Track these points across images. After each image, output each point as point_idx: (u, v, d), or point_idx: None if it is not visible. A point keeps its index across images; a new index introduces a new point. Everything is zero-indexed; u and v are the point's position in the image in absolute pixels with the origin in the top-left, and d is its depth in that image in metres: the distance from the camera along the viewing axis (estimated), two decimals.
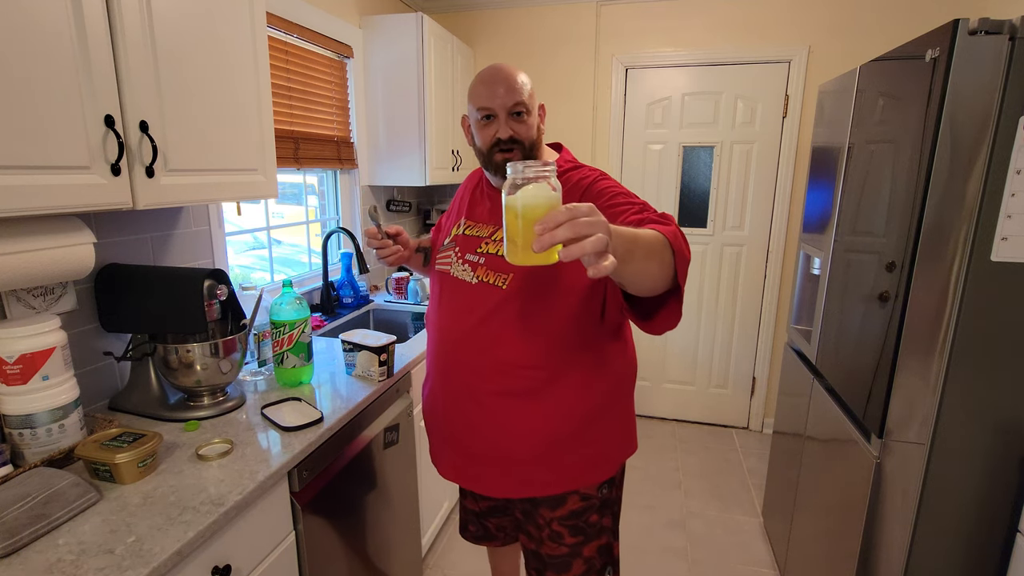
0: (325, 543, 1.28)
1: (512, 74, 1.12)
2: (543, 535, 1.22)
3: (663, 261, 0.84)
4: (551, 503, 1.19)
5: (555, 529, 1.20)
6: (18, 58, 0.85)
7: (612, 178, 1.14)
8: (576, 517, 1.19)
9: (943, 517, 1.25)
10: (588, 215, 0.66)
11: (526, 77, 1.14)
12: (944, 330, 1.16)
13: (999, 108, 1.06)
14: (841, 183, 1.61)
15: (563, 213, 0.65)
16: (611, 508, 1.24)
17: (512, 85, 1.10)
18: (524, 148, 1.13)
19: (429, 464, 1.96)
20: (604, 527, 1.23)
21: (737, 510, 2.44)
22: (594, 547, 1.22)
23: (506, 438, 1.15)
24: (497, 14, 3.04)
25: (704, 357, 3.19)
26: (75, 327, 1.27)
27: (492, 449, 1.17)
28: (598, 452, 1.17)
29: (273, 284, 2.06)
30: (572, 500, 1.18)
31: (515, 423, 1.14)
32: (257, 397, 1.42)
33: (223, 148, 1.27)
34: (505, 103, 1.10)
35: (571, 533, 1.20)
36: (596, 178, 1.13)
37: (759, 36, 2.75)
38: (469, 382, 1.17)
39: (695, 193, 3.02)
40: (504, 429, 1.14)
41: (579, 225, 0.64)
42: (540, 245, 0.65)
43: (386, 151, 2.58)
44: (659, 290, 0.88)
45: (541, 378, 1.12)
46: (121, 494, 0.99)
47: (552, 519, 1.20)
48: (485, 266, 1.15)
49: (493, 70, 1.13)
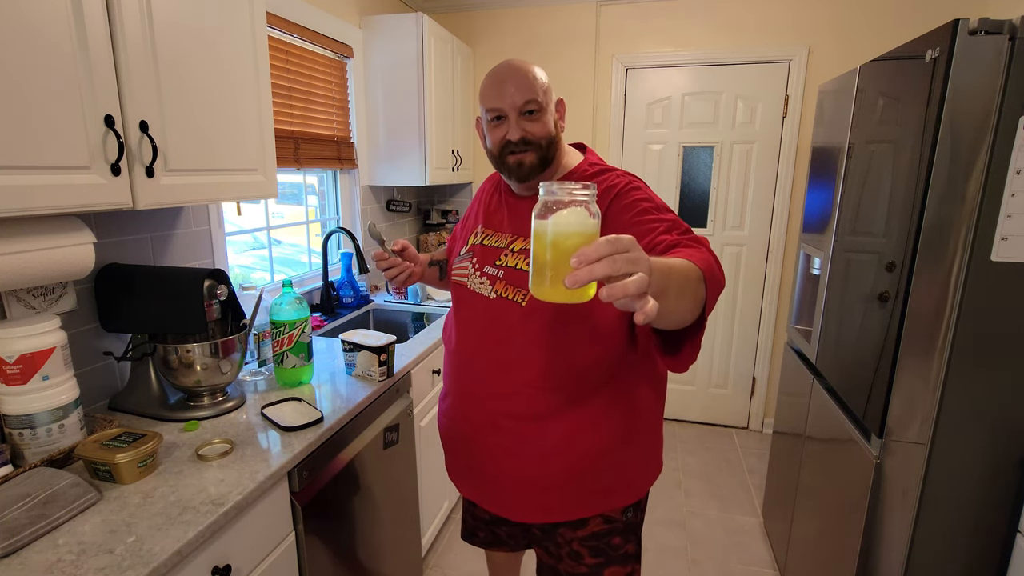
0: (325, 543, 1.28)
1: (523, 70, 1.03)
2: (562, 553, 1.16)
3: (696, 296, 0.76)
4: (573, 524, 1.13)
5: (575, 548, 1.14)
6: (18, 58, 0.85)
7: (644, 185, 1.05)
8: (598, 539, 1.13)
9: (943, 517, 1.25)
10: (629, 250, 0.58)
11: (541, 72, 1.05)
12: (944, 330, 1.16)
13: (999, 108, 1.06)
14: (841, 183, 1.61)
15: (604, 246, 0.57)
16: (635, 532, 1.17)
17: (523, 82, 1.02)
18: (540, 148, 1.04)
19: (429, 464, 1.96)
20: (629, 554, 1.16)
21: (737, 510, 2.44)
22: (618, 573, 1.15)
23: (522, 463, 1.08)
24: (497, 14, 3.04)
25: (704, 357, 3.19)
26: (75, 327, 1.27)
27: (509, 473, 1.10)
28: (621, 477, 1.09)
29: (273, 284, 2.06)
30: (595, 522, 1.12)
31: (533, 448, 1.07)
32: (257, 397, 1.42)
33: (223, 148, 1.27)
34: (515, 102, 1.02)
35: (591, 554, 1.14)
36: (626, 185, 1.03)
37: (759, 36, 2.75)
38: (485, 403, 1.11)
39: (695, 193, 3.02)
40: (520, 454, 1.08)
41: (620, 261, 0.57)
42: (575, 280, 0.57)
43: (386, 151, 2.58)
44: (684, 324, 0.78)
45: (560, 402, 1.04)
46: (121, 494, 0.99)
47: (573, 539, 1.14)
48: (504, 280, 1.07)
49: (503, 67, 1.05)
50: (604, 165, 1.11)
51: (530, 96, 1.02)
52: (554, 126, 1.07)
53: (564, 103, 1.11)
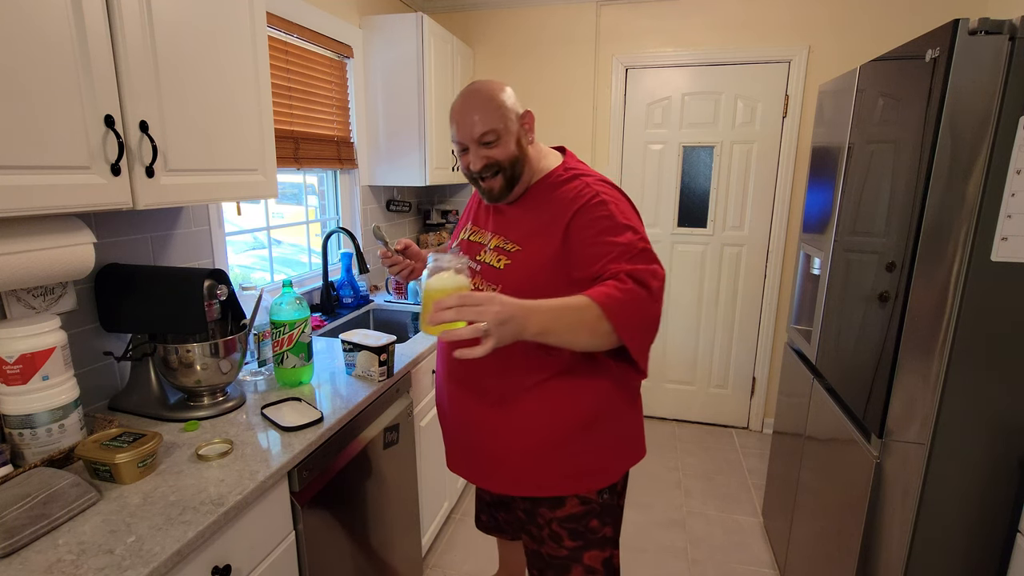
0: (325, 543, 1.28)
1: (480, 99, 1.09)
2: (543, 535, 1.23)
3: (595, 330, 0.94)
4: (551, 504, 1.20)
5: (554, 530, 1.21)
6: (18, 58, 0.85)
7: (612, 196, 1.09)
8: (576, 521, 1.19)
9: (943, 517, 1.25)
10: (478, 304, 0.85)
11: (501, 92, 1.10)
12: (944, 330, 1.16)
13: (999, 108, 1.06)
14: (841, 183, 1.61)
15: (454, 299, 0.85)
16: (612, 515, 1.23)
17: (480, 113, 1.08)
18: (505, 170, 1.11)
19: (429, 464, 1.96)
20: (606, 537, 1.22)
21: (737, 510, 2.44)
22: (597, 557, 1.22)
23: (495, 437, 1.18)
24: (497, 14, 3.04)
25: (704, 357, 3.19)
26: (75, 327, 1.27)
27: (485, 445, 1.21)
28: (594, 459, 1.16)
29: (273, 284, 2.06)
30: (571, 503, 1.18)
31: (504, 423, 1.17)
32: (257, 397, 1.42)
33: (223, 148, 1.27)
34: (472, 134, 1.09)
35: (570, 536, 1.20)
36: (592, 198, 1.07)
37: (759, 36, 2.75)
38: (465, 382, 1.22)
39: (695, 193, 3.02)
40: (494, 428, 1.18)
41: (464, 312, 0.85)
42: (432, 320, 0.86)
43: (386, 151, 2.58)
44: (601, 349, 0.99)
45: (528, 384, 1.14)
46: (121, 494, 0.99)
47: (552, 519, 1.21)
48: (481, 274, 1.17)
49: (463, 96, 1.11)
50: (579, 170, 1.16)
51: (487, 128, 1.08)
52: (517, 144, 1.12)
53: (532, 114, 1.15)
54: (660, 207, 3.07)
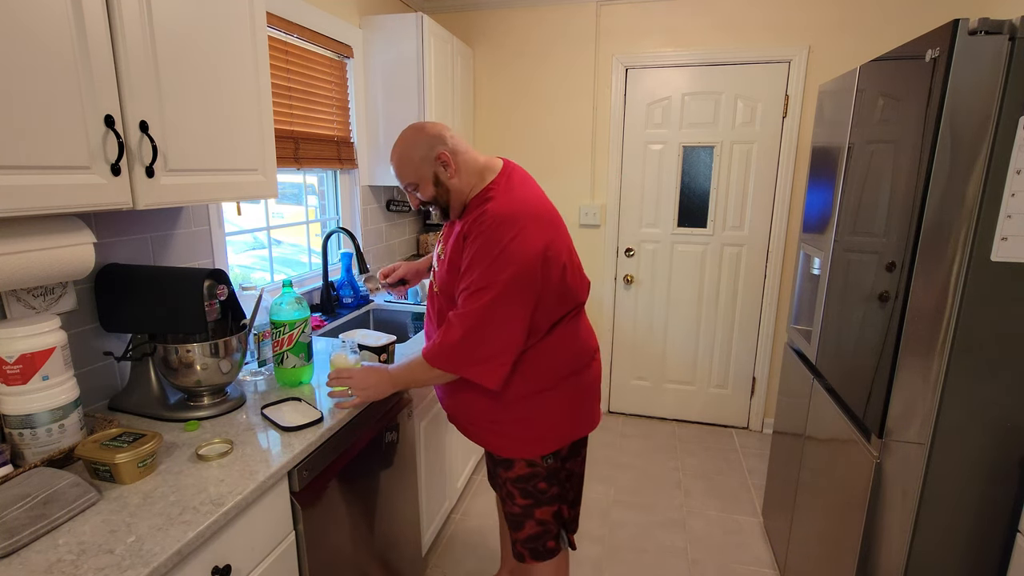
0: (325, 543, 1.28)
1: (395, 159, 1.31)
2: (503, 494, 1.46)
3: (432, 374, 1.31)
4: (504, 465, 1.42)
5: (509, 489, 1.43)
6: (18, 58, 0.85)
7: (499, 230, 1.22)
8: (525, 482, 1.41)
9: (943, 517, 1.25)
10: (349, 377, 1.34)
11: (411, 149, 1.28)
12: (944, 330, 1.16)
13: (999, 108, 1.06)
14: (841, 183, 1.61)
15: (334, 373, 1.36)
16: (558, 477, 1.44)
17: (396, 171, 1.32)
18: (436, 204, 1.33)
19: (429, 464, 1.96)
20: (555, 495, 1.43)
21: (737, 510, 2.44)
22: (548, 512, 1.43)
23: (460, 403, 1.44)
24: (497, 14, 3.04)
25: (704, 357, 3.19)
26: (75, 327, 1.27)
27: (455, 408, 1.48)
28: (534, 429, 1.37)
29: (273, 284, 2.06)
30: (519, 465, 1.41)
31: (463, 405, 1.43)
32: (257, 397, 1.42)
33: (223, 148, 1.27)
34: (401, 183, 1.34)
35: (522, 495, 1.42)
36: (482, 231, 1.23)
37: (759, 36, 2.75)
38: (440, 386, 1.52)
39: (695, 193, 3.02)
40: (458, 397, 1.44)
41: (339, 381, 1.35)
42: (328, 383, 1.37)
43: (386, 151, 2.58)
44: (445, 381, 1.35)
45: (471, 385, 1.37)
46: (121, 494, 0.99)
47: (507, 479, 1.43)
48: (435, 277, 1.44)
49: (392, 151, 1.32)
50: (493, 193, 1.30)
51: (406, 181, 1.32)
52: (436, 184, 1.30)
53: (446, 153, 1.28)
54: (660, 207, 3.07)
